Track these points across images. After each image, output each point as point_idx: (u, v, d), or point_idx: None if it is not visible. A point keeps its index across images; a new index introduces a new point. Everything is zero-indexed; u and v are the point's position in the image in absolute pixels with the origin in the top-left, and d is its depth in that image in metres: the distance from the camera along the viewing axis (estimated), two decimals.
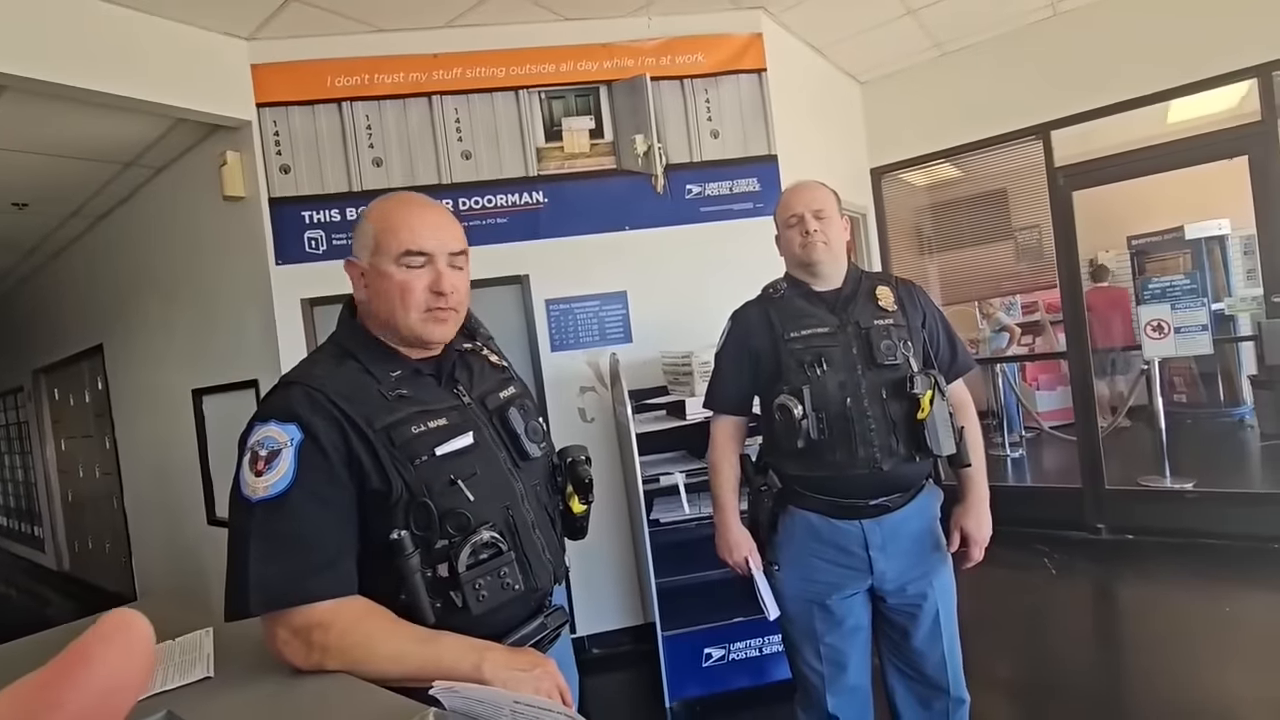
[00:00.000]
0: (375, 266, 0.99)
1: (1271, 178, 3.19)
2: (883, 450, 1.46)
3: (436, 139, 2.92)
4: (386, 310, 0.99)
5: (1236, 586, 2.96)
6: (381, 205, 1.02)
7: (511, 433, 1.05)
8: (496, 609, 0.94)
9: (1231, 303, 4.87)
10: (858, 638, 1.56)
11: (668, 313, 3.01)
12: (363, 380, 0.96)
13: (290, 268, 2.82)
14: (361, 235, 1.01)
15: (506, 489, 1.01)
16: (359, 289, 1.01)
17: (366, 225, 1.00)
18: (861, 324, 1.51)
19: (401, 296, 0.97)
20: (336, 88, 2.85)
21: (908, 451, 1.46)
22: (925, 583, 1.52)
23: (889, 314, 1.53)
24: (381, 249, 0.98)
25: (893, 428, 1.46)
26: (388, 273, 0.97)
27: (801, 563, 1.56)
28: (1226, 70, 3.19)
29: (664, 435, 2.69)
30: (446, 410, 1.00)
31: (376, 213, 1.01)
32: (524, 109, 2.98)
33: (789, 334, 1.53)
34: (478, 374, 1.10)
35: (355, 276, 1.01)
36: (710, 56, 3.08)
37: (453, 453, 0.96)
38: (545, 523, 1.07)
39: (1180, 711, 2.13)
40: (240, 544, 0.86)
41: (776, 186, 3.10)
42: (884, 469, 1.46)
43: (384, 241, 0.98)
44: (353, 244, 1.02)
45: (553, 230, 2.98)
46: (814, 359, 1.48)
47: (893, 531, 1.50)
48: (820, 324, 1.52)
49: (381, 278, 0.98)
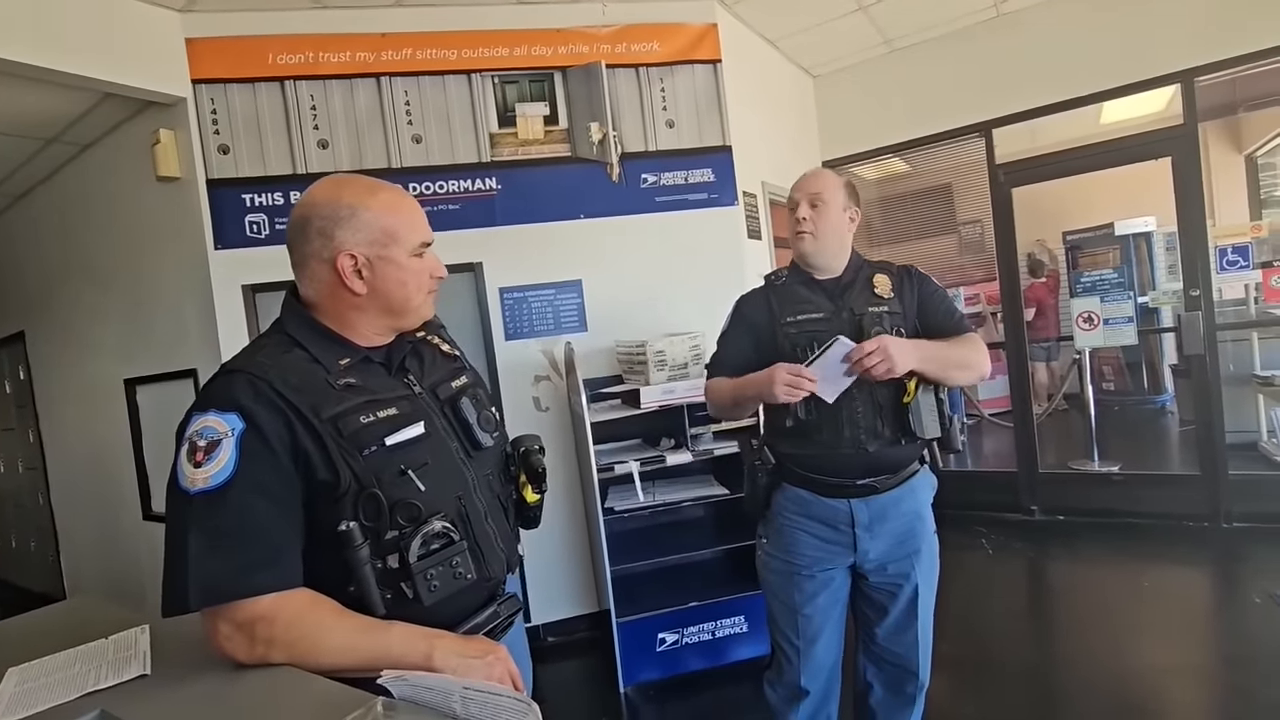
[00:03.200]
0: (386, 258, 0.97)
1: (1192, 179, 3.39)
2: (868, 432, 1.50)
3: (385, 121, 2.84)
4: (399, 299, 1.00)
5: (1154, 563, 3.16)
6: (378, 195, 0.99)
7: (464, 422, 1.04)
8: (448, 599, 0.94)
9: (1155, 296, 5.15)
10: (833, 613, 1.61)
11: (623, 302, 3.01)
12: (310, 369, 0.94)
13: (230, 252, 2.71)
14: (360, 226, 0.96)
15: (458, 478, 1.01)
16: (351, 280, 0.96)
17: (368, 215, 0.96)
18: (855, 310, 1.55)
19: (417, 284, 1.00)
20: (279, 65, 2.74)
21: (893, 434, 1.51)
22: (907, 564, 1.57)
23: (885, 301, 1.56)
24: (398, 240, 0.98)
25: (879, 411, 1.50)
26: (405, 264, 0.99)
27: (787, 535, 1.60)
28: (1153, 75, 3.36)
29: (619, 424, 2.71)
30: (396, 400, 0.98)
31: (378, 203, 0.98)
32: (476, 93, 2.92)
33: (785, 318, 1.57)
34: (429, 363, 1.09)
35: (348, 267, 0.96)
36: (665, 46, 3.08)
37: (403, 443, 0.95)
38: (498, 512, 1.07)
39: (1106, 679, 2.28)
40: (178, 537, 0.83)
41: (731, 177, 3.13)
42: (869, 450, 1.51)
43: (401, 234, 0.98)
44: (337, 234, 0.95)
45: (507, 217, 2.94)
46: (807, 343, 1.52)
47: (880, 512, 1.54)
48: (816, 310, 1.56)
49: (396, 268, 0.98)
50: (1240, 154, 6.00)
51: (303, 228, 0.97)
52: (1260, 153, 6.00)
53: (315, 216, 0.96)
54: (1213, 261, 3.37)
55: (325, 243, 0.96)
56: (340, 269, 0.95)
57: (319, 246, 0.96)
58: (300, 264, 0.99)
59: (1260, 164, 6.10)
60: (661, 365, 2.59)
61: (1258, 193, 6.08)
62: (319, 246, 0.96)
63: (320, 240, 0.96)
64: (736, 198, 3.15)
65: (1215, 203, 3.81)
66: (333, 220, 0.95)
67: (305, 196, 0.99)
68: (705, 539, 2.82)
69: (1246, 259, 3.35)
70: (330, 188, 0.99)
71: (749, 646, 2.63)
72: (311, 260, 0.97)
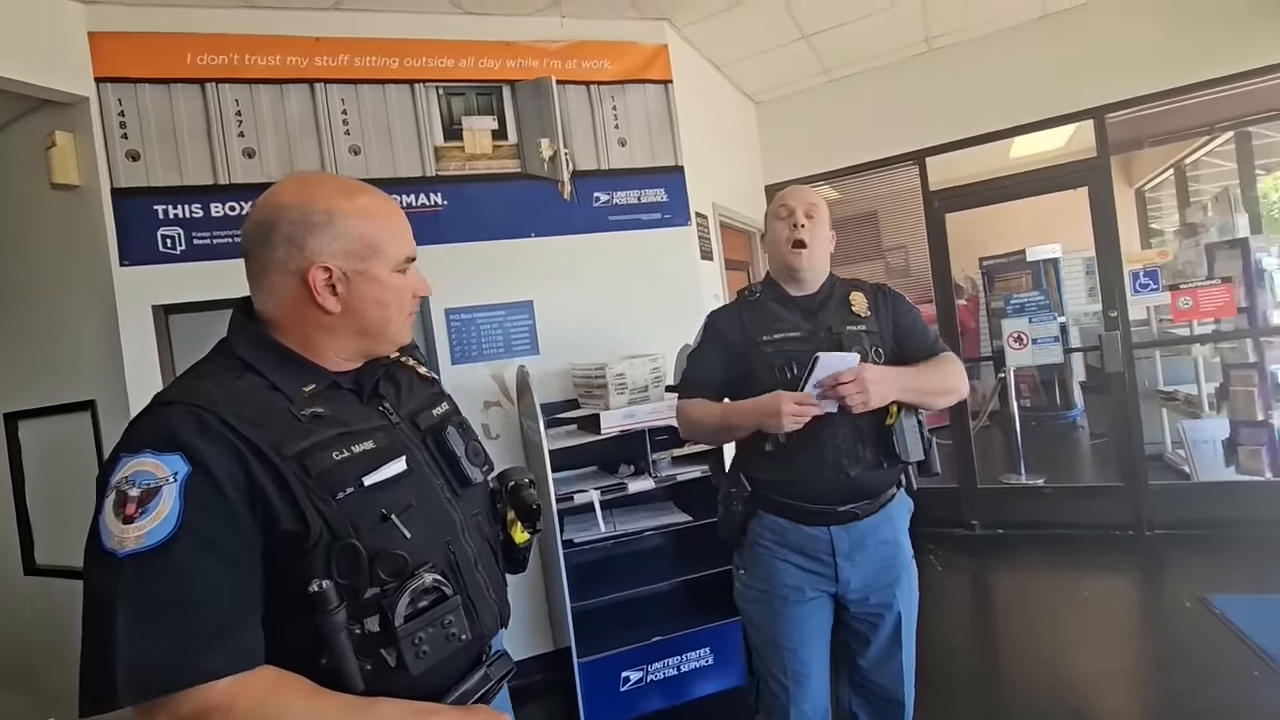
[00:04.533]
0: (365, 273, 0.84)
1: (1106, 208, 3.63)
2: (849, 456, 1.45)
3: (320, 130, 2.65)
4: (376, 320, 0.87)
5: (1089, 572, 3.29)
6: (357, 199, 0.86)
7: (449, 455, 0.91)
8: (437, 665, 0.80)
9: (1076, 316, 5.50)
10: (819, 644, 1.53)
11: (577, 323, 2.90)
12: (268, 398, 0.79)
13: (139, 270, 2.43)
14: (337, 235, 0.82)
15: (446, 521, 0.87)
16: (323, 296, 0.82)
17: (346, 223, 0.83)
18: (833, 329, 1.50)
19: (399, 304, 0.88)
20: (199, 66, 2.51)
21: (875, 458, 1.46)
22: (889, 593, 1.51)
23: (862, 320, 1.52)
24: (380, 253, 0.85)
25: (860, 434, 1.45)
26: (386, 280, 0.86)
27: (765, 564, 1.53)
28: (1070, 110, 3.59)
29: (574, 451, 2.58)
30: (373, 431, 0.84)
31: (358, 209, 0.85)
32: (420, 104, 2.77)
33: (760, 337, 1.50)
34: (405, 388, 0.95)
35: (320, 282, 0.82)
36: (616, 64, 3.03)
37: (383, 482, 0.81)
38: (488, 557, 0.94)
39: (1055, 688, 2.33)
40: (103, 612, 0.66)
41: (684, 198, 3.10)
42: (851, 474, 1.44)
43: (384, 245, 0.86)
44: (310, 242, 0.81)
45: (453, 235, 2.79)
46: (784, 363, 1.46)
47: (860, 540, 1.48)
48: (793, 328, 1.50)
49: (376, 285, 0.86)
50: (1131, 188, 6.57)
51: (265, 233, 0.82)
52: (1148, 187, 6.59)
53: (282, 220, 0.82)
54: (1127, 285, 3.60)
55: (293, 252, 0.82)
56: (311, 283, 0.82)
57: (284, 256, 0.82)
58: (258, 274, 0.84)
59: (1148, 197, 6.70)
60: (622, 388, 2.49)
61: (1147, 223, 6.66)
62: (284, 256, 0.82)
63: (287, 249, 0.82)
64: (689, 218, 3.12)
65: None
66: (304, 226, 0.82)
67: (269, 196, 0.85)
68: (667, 569, 2.71)
69: (1156, 282, 3.61)
70: (300, 188, 0.85)
71: (715, 680, 2.53)
72: (273, 271, 0.83)
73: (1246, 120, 4.01)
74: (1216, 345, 3.95)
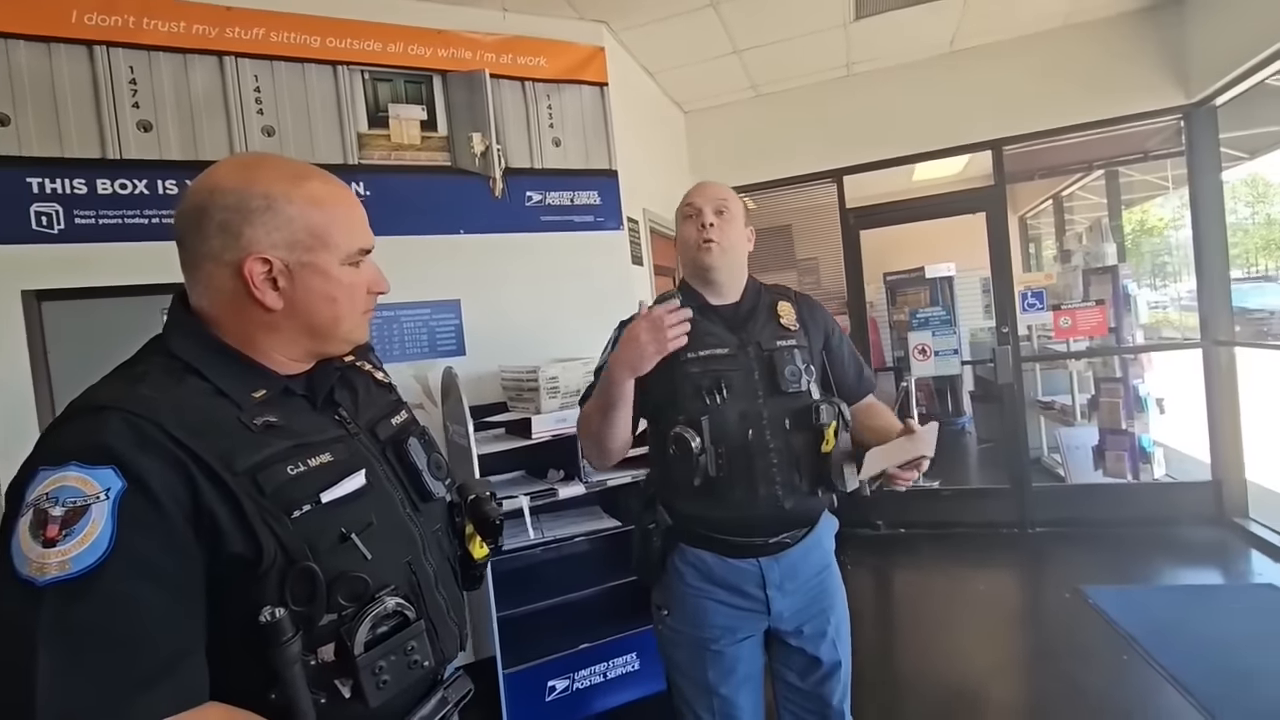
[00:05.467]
0: (311, 265, 0.76)
1: (1001, 232, 3.95)
2: (785, 487, 1.33)
3: (229, 108, 2.44)
4: (325, 319, 0.79)
5: (982, 568, 3.56)
6: (304, 184, 0.77)
7: (411, 468, 0.86)
8: (396, 695, 0.75)
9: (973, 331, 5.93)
10: (749, 687, 1.43)
11: (506, 324, 2.83)
12: (214, 405, 0.71)
13: (6, 249, 2.14)
14: (280, 223, 0.74)
15: (407, 540, 0.82)
16: (262, 291, 0.74)
17: (291, 210, 0.75)
18: (763, 345, 1.37)
19: (351, 300, 0.80)
20: (86, 26, 2.25)
21: (810, 487, 1.35)
22: (823, 619, 1.43)
23: (791, 334, 1.41)
24: (329, 244, 0.77)
25: (796, 462, 1.33)
26: (336, 275, 0.78)
27: (691, 604, 1.40)
28: (973, 140, 3.88)
29: (502, 456, 2.51)
30: (330, 443, 0.78)
31: (304, 195, 0.76)
32: (343, 87, 2.61)
33: (685, 354, 1.32)
34: (363, 395, 0.89)
35: (258, 275, 0.74)
36: (553, 63, 2.98)
37: (343, 498, 0.75)
38: (448, 575, 0.89)
39: (951, 676, 2.52)
40: (17, 651, 0.57)
41: (617, 201, 3.10)
42: (786, 507, 1.33)
43: (334, 235, 0.78)
44: (246, 231, 0.73)
45: (376, 227, 2.60)
46: (713, 385, 1.32)
47: (791, 569, 1.38)
48: (720, 344, 1.36)
49: (324, 279, 0.77)
50: (1015, 215, 7.19)
51: (198, 219, 0.74)
52: (1029, 215, 7.24)
53: (216, 206, 0.73)
54: (1017, 304, 3.93)
55: (229, 242, 0.73)
56: (248, 276, 0.74)
57: (219, 246, 0.74)
58: (193, 266, 0.76)
59: (1029, 224, 7.36)
60: (554, 392, 2.45)
61: (1028, 247, 7.32)
62: (219, 246, 0.74)
63: (222, 238, 0.73)
64: (622, 222, 3.11)
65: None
66: (241, 213, 0.73)
67: (204, 179, 0.76)
68: (596, 575, 2.68)
69: (1042, 302, 3.96)
70: (239, 170, 0.76)
71: (641, 686, 2.53)
72: (208, 263, 0.74)
73: (1117, 160, 4.48)
74: (1089, 361, 4.38)
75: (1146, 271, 9.81)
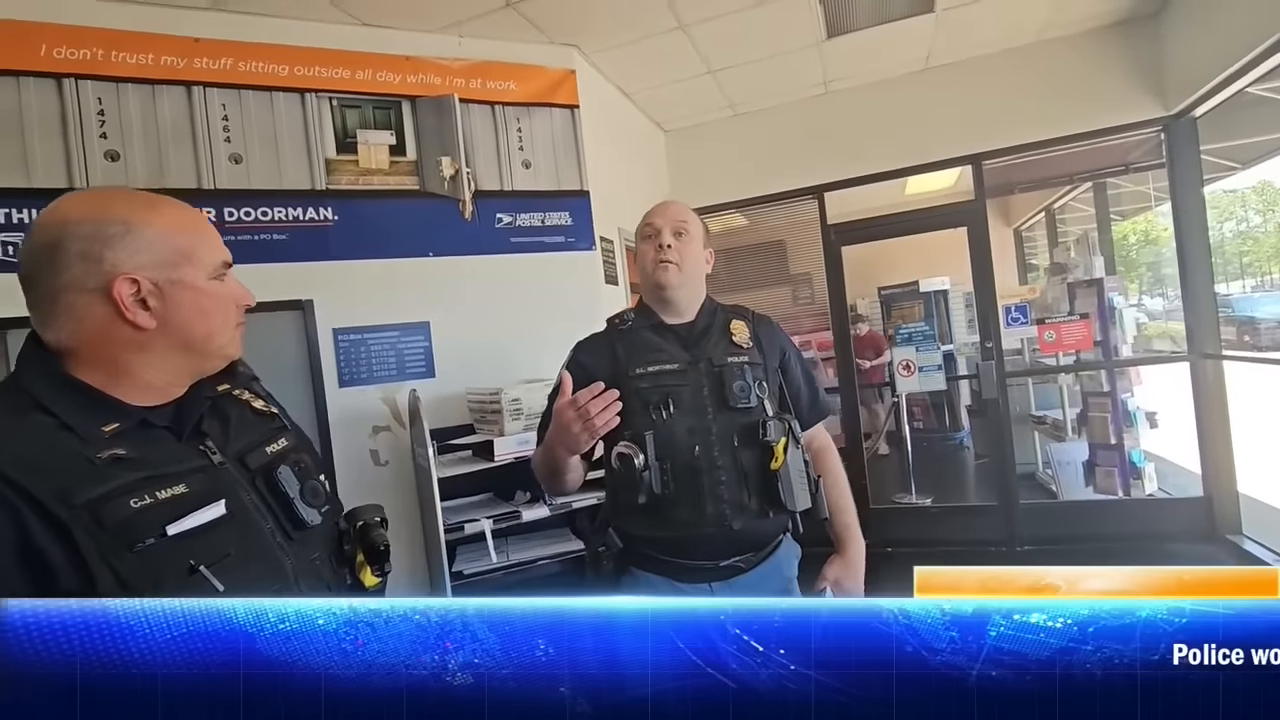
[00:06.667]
0: (180, 281, 0.78)
1: (982, 246, 3.92)
2: (733, 506, 1.31)
3: (196, 136, 2.48)
4: (200, 332, 0.81)
5: None
6: (159, 209, 0.79)
7: (281, 496, 0.85)
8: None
9: (955, 346, 5.88)
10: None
11: (475, 346, 2.83)
12: (57, 439, 0.71)
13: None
14: (142, 245, 0.76)
15: (274, 569, 0.81)
16: (134, 312, 0.75)
17: (151, 232, 0.76)
18: (714, 361, 1.37)
19: (223, 312, 0.83)
20: (55, 60, 2.29)
21: (760, 506, 1.32)
22: None
23: (743, 350, 1.40)
24: (194, 260, 0.80)
25: (744, 479, 1.32)
26: (205, 288, 0.81)
27: None
28: (951, 155, 3.87)
29: (468, 478, 2.50)
30: (187, 474, 0.77)
31: (163, 218, 0.78)
32: (311, 114, 2.65)
33: (634, 370, 1.35)
34: (235, 424, 0.88)
35: (128, 295, 0.75)
36: (523, 86, 3.02)
37: (193, 530, 0.74)
38: None
39: None
40: None
41: (589, 221, 3.11)
42: (734, 527, 1.31)
43: (198, 251, 0.81)
44: (108, 255, 0.74)
45: (344, 251, 2.67)
46: (660, 400, 1.32)
47: (745, 594, 1.34)
48: (670, 360, 1.36)
49: (195, 294, 0.80)
50: (1009, 227, 7.16)
51: (50, 254, 0.74)
52: (1024, 227, 7.20)
53: (71, 237, 0.74)
54: (1001, 318, 3.90)
55: (91, 268, 0.74)
56: (118, 298, 0.74)
57: (81, 274, 0.74)
58: (47, 300, 0.75)
59: (1025, 237, 7.31)
60: (517, 414, 2.44)
61: (1025, 260, 7.26)
62: (81, 274, 0.74)
63: (83, 265, 0.74)
64: (594, 242, 3.12)
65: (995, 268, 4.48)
66: (98, 240, 0.74)
67: (50, 214, 0.76)
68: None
69: (1026, 316, 3.92)
70: (88, 201, 0.78)
71: None
72: (68, 293, 0.74)
73: (1101, 173, 4.46)
74: (1077, 375, 4.33)
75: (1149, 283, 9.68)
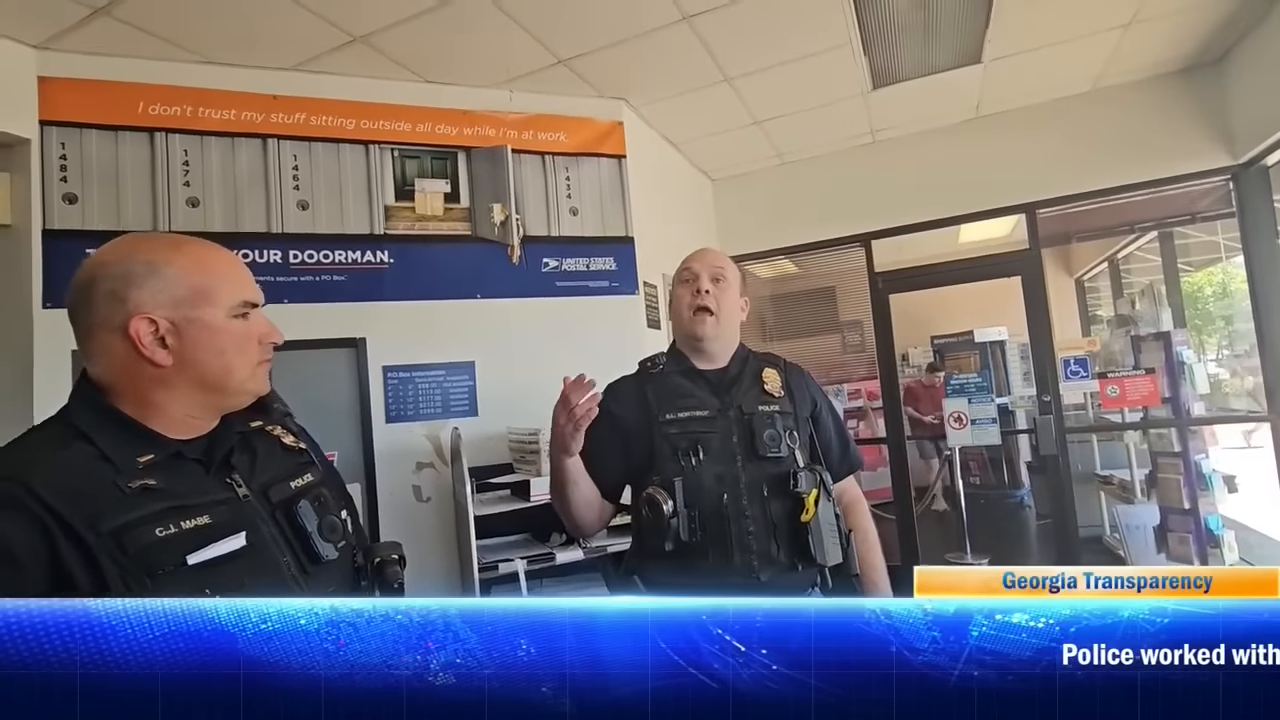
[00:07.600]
0: (196, 320, 0.82)
1: (1038, 296, 3.80)
2: (761, 557, 1.28)
3: (269, 184, 2.66)
4: (216, 370, 0.84)
5: None
6: (184, 250, 0.84)
7: (300, 530, 0.87)
8: None
9: (1011, 399, 5.64)
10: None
11: (518, 386, 2.88)
12: (93, 468, 0.75)
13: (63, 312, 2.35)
14: (162, 285, 0.80)
15: None
16: (151, 349, 0.80)
17: (170, 271, 0.81)
18: (744, 409, 1.35)
19: (241, 351, 0.86)
20: (150, 116, 2.52)
21: (789, 559, 1.29)
22: None
23: (775, 399, 1.38)
24: (211, 299, 0.83)
25: (773, 531, 1.29)
26: (222, 327, 0.84)
27: None
28: (1005, 204, 3.80)
29: (506, 517, 2.52)
30: (211, 506, 0.80)
31: (184, 258, 0.83)
32: (374, 164, 2.82)
33: (664, 415, 1.34)
34: (263, 458, 0.91)
35: (145, 334, 0.79)
36: (572, 137, 3.14)
37: (212, 561, 0.77)
38: None
39: None
40: None
41: (633, 267, 3.17)
42: (761, 579, 1.27)
43: (216, 290, 0.84)
44: (132, 295, 0.80)
45: (397, 292, 2.78)
46: (689, 446, 1.31)
47: None
48: (700, 406, 1.35)
49: (211, 332, 0.83)
50: (1071, 277, 6.91)
51: (87, 293, 0.80)
52: (1086, 277, 6.94)
53: (103, 278, 0.80)
54: (1060, 371, 3.74)
55: (116, 307, 0.79)
56: (135, 336, 0.79)
57: (108, 313, 0.79)
58: (86, 337, 0.82)
59: (1087, 287, 7.04)
60: None
61: (1087, 311, 6.98)
62: (108, 313, 0.79)
63: (109, 305, 0.79)
64: (637, 287, 3.17)
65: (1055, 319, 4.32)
66: (125, 280, 0.79)
67: (93, 259, 0.83)
68: None
69: (1086, 370, 3.75)
70: (123, 245, 0.84)
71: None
72: (100, 331, 0.80)
73: (1166, 222, 4.29)
74: (1145, 433, 4.09)
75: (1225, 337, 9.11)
